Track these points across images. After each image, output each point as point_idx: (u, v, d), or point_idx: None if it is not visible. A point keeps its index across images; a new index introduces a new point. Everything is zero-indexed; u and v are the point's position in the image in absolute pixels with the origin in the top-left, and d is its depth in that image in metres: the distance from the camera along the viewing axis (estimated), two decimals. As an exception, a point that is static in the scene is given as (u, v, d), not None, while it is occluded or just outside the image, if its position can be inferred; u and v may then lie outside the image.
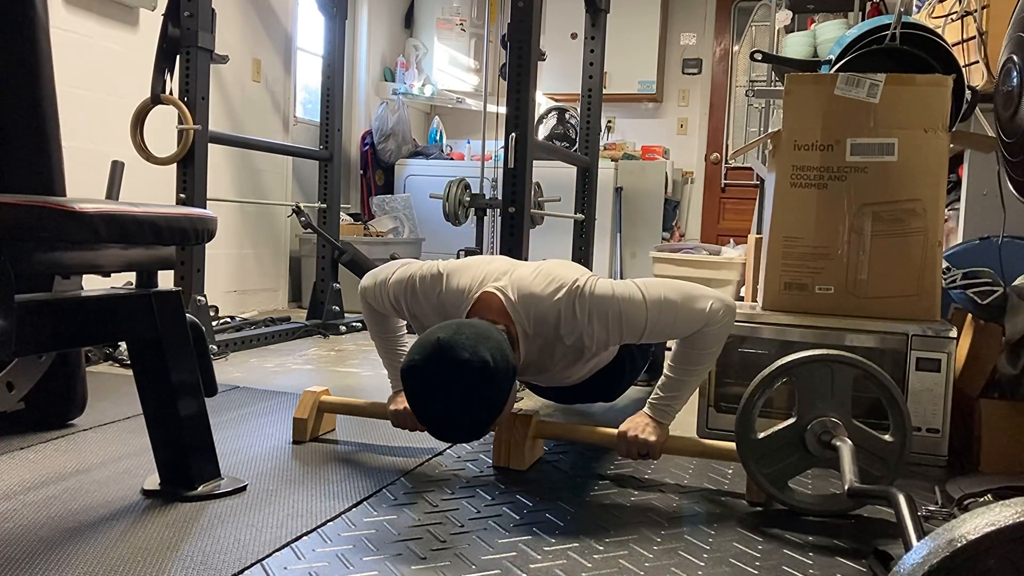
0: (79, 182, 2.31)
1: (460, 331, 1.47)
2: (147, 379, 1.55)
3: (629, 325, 1.65)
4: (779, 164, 2.10)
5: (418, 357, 1.45)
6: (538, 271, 1.71)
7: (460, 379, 1.43)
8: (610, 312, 1.64)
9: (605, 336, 1.67)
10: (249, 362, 2.97)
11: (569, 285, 1.66)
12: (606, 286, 1.67)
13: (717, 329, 1.66)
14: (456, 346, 1.43)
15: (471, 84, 5.82)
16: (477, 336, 1.46)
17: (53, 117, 1.83)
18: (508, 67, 2.66)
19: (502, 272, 1.72)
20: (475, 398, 1.45)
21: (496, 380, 1.46)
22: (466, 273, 1.74)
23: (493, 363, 1.44)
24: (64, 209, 1.23)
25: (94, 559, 1.25)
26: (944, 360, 1.92)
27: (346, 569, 1.25)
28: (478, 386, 1.44)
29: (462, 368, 1.42)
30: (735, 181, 5.95)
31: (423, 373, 1.45)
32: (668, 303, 1.64)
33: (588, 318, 1.64)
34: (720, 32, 5.95)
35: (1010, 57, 1.77)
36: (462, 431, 1.51)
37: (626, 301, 1.64)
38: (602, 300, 1.64)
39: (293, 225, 4.47)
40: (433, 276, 1.76)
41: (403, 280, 1.80)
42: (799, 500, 1.58)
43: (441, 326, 1.50)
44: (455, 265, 1.78)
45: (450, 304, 1.73)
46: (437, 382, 1.44)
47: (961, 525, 0.69)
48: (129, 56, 3.41)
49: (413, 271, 1.79)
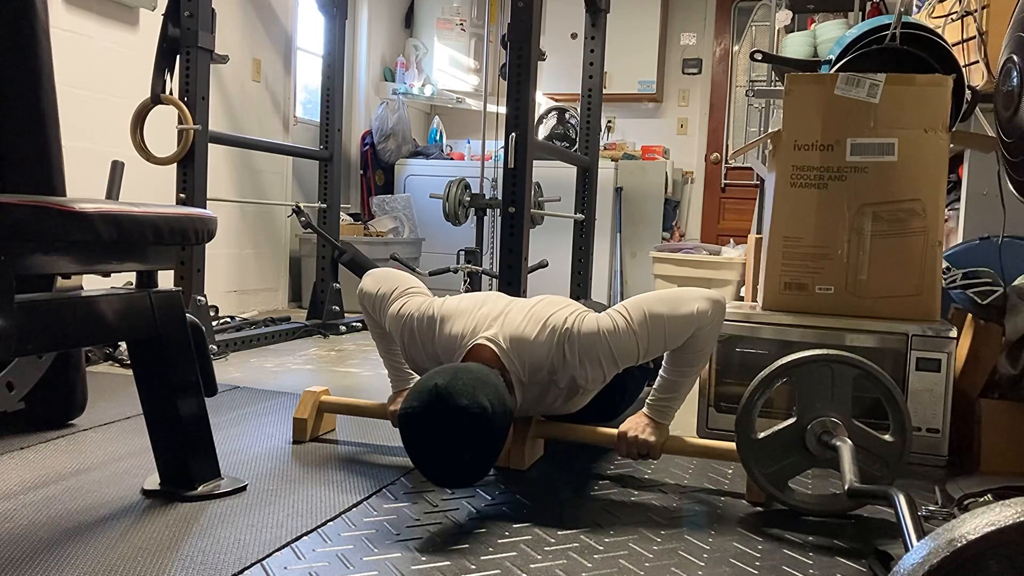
0: (79, 182, 2.31)
1: (457, 377, 1.45)
2: (147, 379, 1.55)
3: (622, 355, 1.65)
4: (779, 164, 2.10)
5: (416, 404, 1.44)
6: (530, 316, 1.70)
7: (459, 427, 1.42)
8: (600, 351, 1.64)
9: (600, 373, 1.67)
10: (249, 362, 2.97)
11: (559, 328, 1.66)
12: (592, 323, 1.66)
13: (708, 330, 1.66)
14: (454, 393, 1.42)
15: (471, 84, 5.82)
16: (475, 382, 1.45)
17: (53, 117, 1.83)
18: (508, 67, 2.66)
19: (493, 318, 1.72)
20: (474, 445, 1.44)
21: (495, 426, 1.45)
22: (459, 320, 1.74)
23: (491, 409, 1.44)
24: (64, 209, 1.23)
25: (94, 559, 1.25)
26: (944, 360, 1.92)
27: (346, 569, 1.25)
28: (477, 433, 1.43)
29: (460, 415, 1.41)
30: (735, 181, 5.95)
31: (421, 421, 1.43)
32: (655, 319, 1.63)
33: (579, 360, 1.64)
34: (720, 32, 5.95)
35: (1010, 57, 1.77)
36: (460, 478, 1.50)
37: (612, 335, 1.63)
38: (589, 339, 1.64)
39: (293, 225, 4.47)
40: (429, 319, 1.76)
41: (401, 318, 1.80)
42: (799, 500, 1.58)
43: (439, 371, 1.48)
44: (449, 310, 1.77)
45: (444, 350, 1.74)
46: (436, 430, 1.42)
47: (961, 525, 0.69)
48: (129, 56, 3.41)
49: (411, 311, 1.79)
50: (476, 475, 1.50)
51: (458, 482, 1.56)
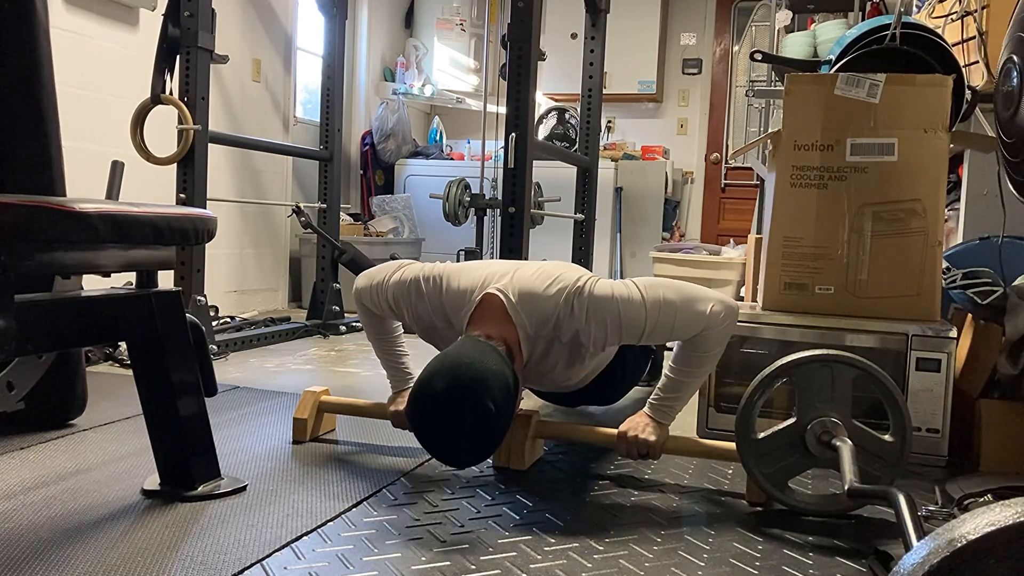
0: (79, 182, 2.31)
1: (458, 378, 1.46)
2: (147, 379, 1.55)
3: (628, 326, 1.64)
4: (779, 164, 2.10)
5: (420, 408, 1.46)
6: (540, 271, 1.71)
7: (463, 429, 1.45)
8: (608, 313, 1.64)
9: (603, 337, 1.66)
10: (249, 362, 2.97)
11: (570, 285, 1.66)
12: (606, 287, 1.66)
13: (718, 332, 1.65)
14: (457, 396, 1.44)
15: (471, 84, 5.82)
16: (477, 381, 1.45)
17: (53, 117, 1.83)
18: (508, 67, 2.66)
19: (503, 273, 1.72)
20: (478, 441, 1.48)
21: (499, 420, 1.47)
22: (467, 275, 1.74)
23: (495, 407, 1.45)
24: (64, 209, 1.23)
25: (94, 559, 1.25)
26: (944, 360, 1.92)
27: (346, 569, 1.25)
28: (481, 433, 1.46)
29: (465, 416, 1.44)
30: (735, 181, 5.95)
31: (426, 422, 1.47)
32: (668, 304, 1.64)
33: (586, 318, 1.64)
34: (720, 32, 5.95)
35: (1010, 57, 1.76)
36: (466, 461, 1.56)
37: (625, 302, 1.64)
38: (601, 301, 1.64)
39: (293, 225, 4.47)
40: (435, 278, 1.76)
41: (405, 282, 1.79)
42: (799, 500, 1.58)
43: (438, 370, 1.48)
44: (456, 267, 1.78)
45: (452, 306, 1.73)
46: (440, 432, 1.46)
47: (961, 525, 0.69)
48: (129, 56, 3.41)
49: (415, 273, 1.79)
50: (481, 458, 1.56)
51: (464, 464, 1.61)
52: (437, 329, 1.78)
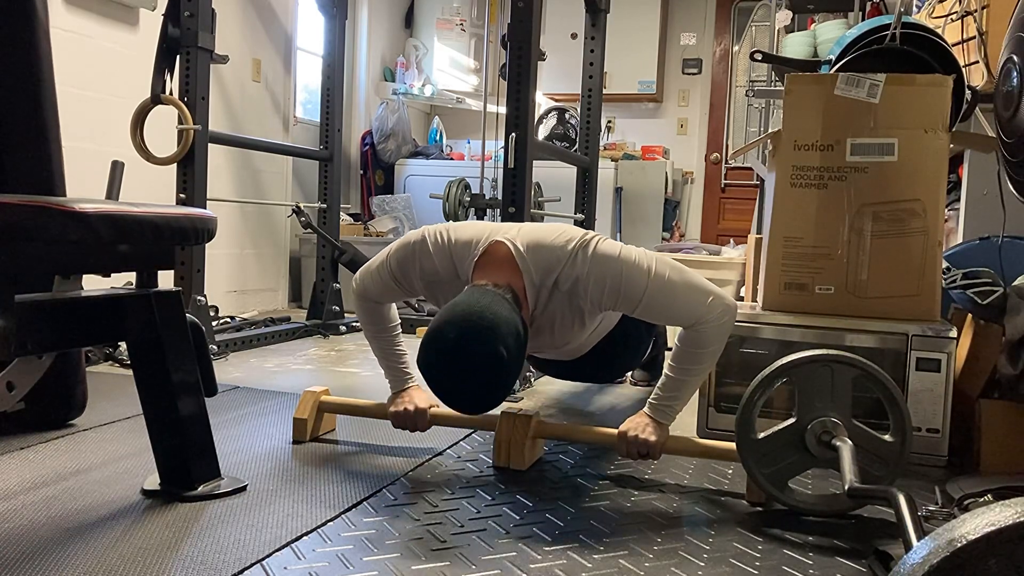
0: (79, 182, 2.31)
1: (470, 325, 1.47)
2: (147, 379, 1.55)
3: (626, 290, 1.65)
4: (779, 164, 2.10)
5: (433, 355, 1.49)
6: (548, 226, 1.75)
7: (476, 377, 1.48)
8: (609, 271, 1.65)
9: (599, 295, 1.67)
10: (249, 362, 2.97)
11: (577, 238, 1.68)
12: (614, 246, 1.68)
13: (714, 328, 1.66)
14: (469, 343, 1.46)
15: (471, 84, 5.82)
16: (488, 329, 1.47)
17: (53, 117, 1.83)
18: (508, 67, 2.66)
19: (510, 227, 1.75)
20: (491, 384, 1.50)
21: (511, 366, 1.49)
22: (473, 228, 1.77)
23: (507, 353, 1.47)
24: (64, 209, 1.23)
25: (94, 559, 1.25)
26: (944, 360, 1.92)
27: (346, 569, 1.25)
28: (495, 376, 1.49)
29: (478, 363, 1.47)
30: (735, 181, 5.95)
31: (439, 370, 1.49)
32: (670, 284, 1.65)
33: (588, 270, 1.65)
34: (720, 32, 5.95)
35: (1010, 57, 1.76)
36: (478, 407, 1.60)
37: (629, 265, 1.65)
38: (606, 257, 1.66)
39: (293, 225, 4.47)
40: (440, 232, 1.78)
41: (409, 243, 1.80)
42: (799, 500, 1.58)
43: (449, 319, 1.50)
44: (460, 223, 1.81)
45: (458, 256, 1.74)
46: (453, 380, 1.49)
47: (961, 525, 0.69)
48: (129, 56, 3.41)
49: (419, 233, 1.80)
50: (493, 406, 1.59)
51: (476, 412, 1.65)
52: (442, 283, 1.79)
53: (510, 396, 2.46)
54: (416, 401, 1.88)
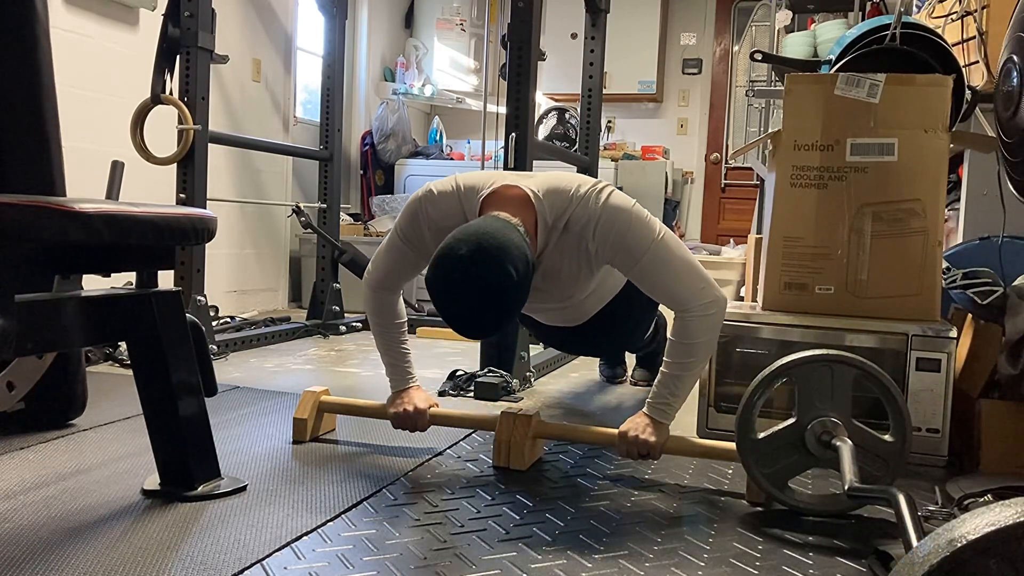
0: (79, 182, 2.31)
1: (481, 244, 1.47)
2: (147, 379, 1.55)
3: (631, 243, 1.67)
4: (779, 164, 2.10)
5: (443, 271, 1.48)
6: (562, 173, 1.77)
7: (484, 290, 1.47)
8: (618, 220, 1.67)
9: (605, 244, 1.68)
10: (249, 362, 2.97)
11: (591, 186, 1.70)
12: (628, 199, 1.71)
13: (699, 319, 1.67)
14: (479, 259, 1.46)
15: (471, 84, 5.82)
16: (499, 247, 1.48)
17: (53, 117, 1.83)
18: (508, 67, 2.66)
19: (522, 175, 1.76)
20: (498, 304, 1.49)
21: (518, 289, 1.50)
22: (479, 174, 1.78)
23: (516, 274, 1.47)
24: (64, 209, 1.23)
25: (94, 559, 1.25)
26: (944, 360, 1.92)
27: (346, 569, 1.25)
28: (501, 296, 1.48)
29: (487, 280, 1.46)
30: (735, 181, 5.95)
31: (447, 286, 1.48)
32: (671, 255, 1.68)
33: (599, 214, 1.67)
34: (720, 32, 5.95)
35: (1010, 57, 1.76)
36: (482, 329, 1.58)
37: (638, 221, 1.68)
38: (618, 207, 1.68)
39: (293, 225, 4.47)
40: (445, 181, 1.79)
41: (414, 200, 1.80)
42: (799, 500, 1.58)
43: (460, 237, 1.50)
44: (465, 173, 1.82)
45: (467, 199, 1.74)
46: (462, 292, 1.48)
47: (961, 525, 0.69)
48: (129, 56, 3.41)
49: (421, 190, 1.81)
50: (496, 330, 1.59)
51: (478, 335, 1.63)
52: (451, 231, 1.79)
53: (510, 396, 2.46)
54: (416, 401, 1.88)
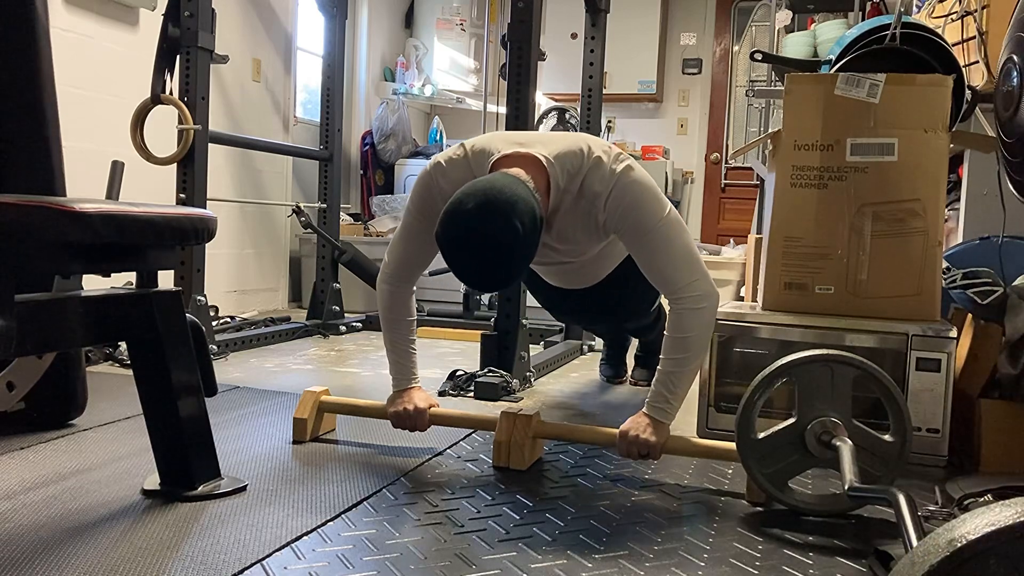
0: (79, 182, 2.31)
1: (489, 199, 1.48)
2: (147, 379, 1.55)
3: (639, 217, 1.68)
4: (779, 164, 2.10)
5: (451, 223, 1.49)
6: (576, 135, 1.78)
7: (492, 242, 1.48)
8: (630, 192, 1.68)
9: (615, 213, 1.69)
10: (249, 362, 2.97)
11: (607, 150, 1.72)
12: (644, 175, 1.72)
13: (692, 312, 1.68)
14: (487, 212, 1.47)
15: (471, 84, 5.82)
16: (508, 202, 1.48)
17: (53, 117, 1.83)
18: (508, 67, 2.66)
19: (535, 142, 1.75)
20: (505, 257, 1.50)
21: (525, 244, 1.51)
22: (489, 139, 1.78)
23: (523, 229, 1.48)
24: (64, 209, 1.23)
25: (94, 559, 1.25)
26: (944, 360, 1.92)
27: (346, 569, 1.25)
28: (508, 250, 1.49)
29: (495, 232, 1.47)
30: (735, 181, 5.95)
31: (455, 238, 1.49)
32: (675, 238, 1.69)
33: (614, 182, 1.68)
34: (720, 32, 5.95)
35: (1010, 57, 1.76)
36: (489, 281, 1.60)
37: (651, 196, 1.69)
38: (631, 180, 1.69)
39: (293, 225, 4.47)
40: (453, 149, 1.79)
41: (424, 174, 1.81)
42: (799, 500, 1.58)
43: (469, 192, 1.50)
44: (473, 138, 1.82)
45: (477, 162, 1.75)
46: (470, 244, 1.49)
47: (961, 525, 0.69)
48: (129, 56, 3.41)
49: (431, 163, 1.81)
50: (503, 285, 1.61)
51: (485, 288, 1.65)
52: None
53: (510, 396, 2.46)
54: (416, 401, 1.88)
